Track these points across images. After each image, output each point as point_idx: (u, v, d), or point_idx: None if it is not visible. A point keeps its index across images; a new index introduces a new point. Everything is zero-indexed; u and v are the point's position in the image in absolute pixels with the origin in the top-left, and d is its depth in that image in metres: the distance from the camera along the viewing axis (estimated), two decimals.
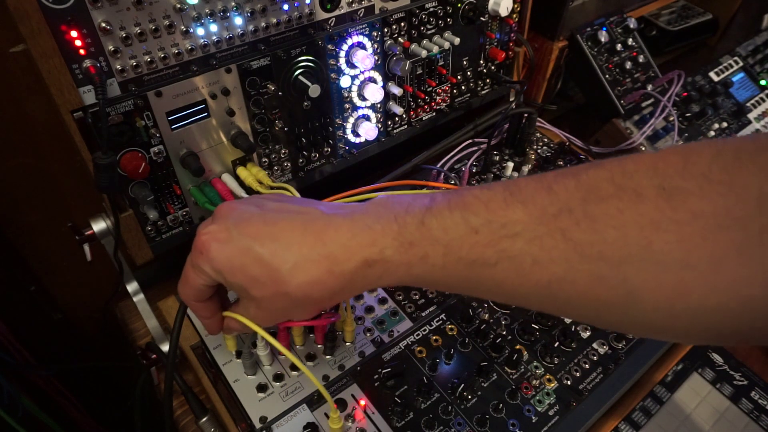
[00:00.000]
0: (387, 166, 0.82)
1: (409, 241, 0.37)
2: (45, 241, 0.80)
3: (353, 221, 0.38)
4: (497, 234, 0.34)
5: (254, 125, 0.63)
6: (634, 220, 0.29)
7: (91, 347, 0.98)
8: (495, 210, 0.34)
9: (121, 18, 0.49)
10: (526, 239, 0.33)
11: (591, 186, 0.32)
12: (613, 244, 0.30)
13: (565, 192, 0.32)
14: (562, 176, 0.34)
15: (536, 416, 0.57)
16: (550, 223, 0.32)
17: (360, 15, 0.66)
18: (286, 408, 0.55)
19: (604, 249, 0.30)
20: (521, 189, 0.34)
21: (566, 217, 0.32)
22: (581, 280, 0.32)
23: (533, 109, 0.86)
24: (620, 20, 0.97)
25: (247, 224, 0.40)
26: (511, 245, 0.33)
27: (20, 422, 0.78)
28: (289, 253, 0.38)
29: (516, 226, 0.33)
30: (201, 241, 0.40)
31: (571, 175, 0.33)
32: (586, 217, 0.31)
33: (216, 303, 0.46)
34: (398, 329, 0.63)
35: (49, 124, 0.70)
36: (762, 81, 1.16)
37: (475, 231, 0.35)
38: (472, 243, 0.35)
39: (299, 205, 0.42)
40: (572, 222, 0.31)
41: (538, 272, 0.33)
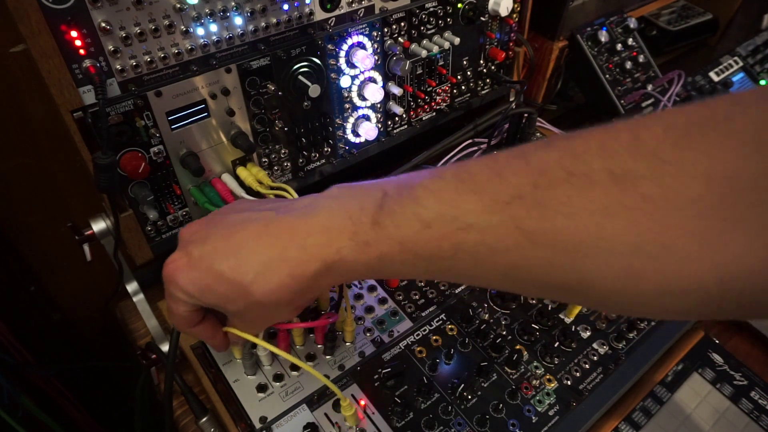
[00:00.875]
0: (387, 166, 0.82)
1: (364, 240, 0.36)
2: (45, 241, 0.80)
3: (307, 221, 0.38)
4: (450, 227, 0.33)
5: (254, 125, 0.63)
6: (584, 207, 0.29)
7: (91, 347, 0.98)
8: (446, 201, 0.34)
9: (121, 18, 0.49)
10: (480, 229, 0.32)
11: (541, 170, 0.31)
12: (564, 231, 0.30)
13: (515, 177, 0.32)
14: (514, 158, 0.33)
15: (536, 416, 0.57)
16: (502, 212, 0.32)
17: (360, 15, 0.66)
18: (286, 408, 0.55)
19: (555, 237, 0.30)
20: (472, 176, 0.34)
21: (518, 204, 0.31)
22: (536, 268, 0.32)
23: (533, 109, 0.86)
24: (620, 20, 0.97)
25: (204, 244, 0.40)
26: (465, 237, 0.33)
27: (20, 422, 0.78)
28: (248, 265, 0.38)
29: (468, 217, 0.33)
30: (167, 271, 0.40)
31: (521, 156, 0.32)
32: (537, 204, 0.30)
33: (212, 322, 0.45)
34: (398, 329, 0.63)
35: (49, 124, 0.70)
36: (762, 81, 1.16)
37: (427, 225, 0.34)
38: (427, 238, 0.34)
39: (257, 211, 0.41)
40: (524, 210, 0.31)
41: (495, 261, 0.33)
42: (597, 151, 0.29)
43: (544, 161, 0.31)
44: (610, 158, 0.28)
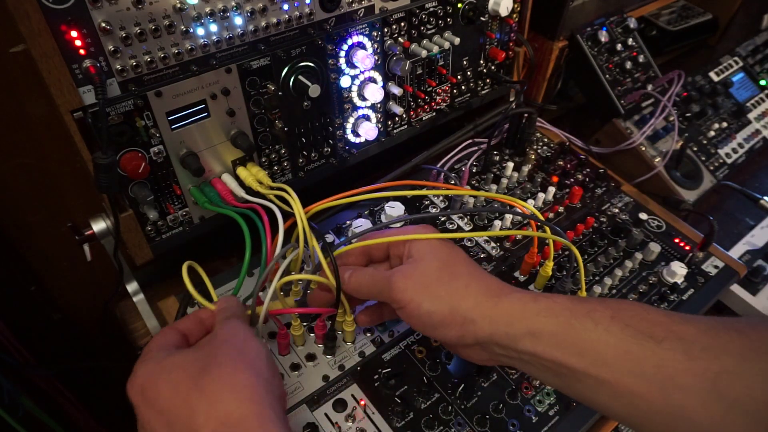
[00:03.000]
0: (387, 166, 0.82)
1: (582, 299, 0.43)
2: (45, 241, 0.80)
3: None
4: (670, 318, 0.38)
5: (254, 125, 0.63)
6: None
7: (91, 347, 0.98)
8: (672, 312, 0.41)
9: (120, 18, 0.49)
10: (700, 329, 0.36)
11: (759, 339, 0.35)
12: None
13: (747, 317, 0.37)
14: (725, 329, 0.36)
15: (536, 416, 0.57)
16: (726, 324, 0.36)
17: (360, 15, 0.66)
18: (286, 408, 0.55)
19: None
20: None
21: (743, 324, 0.36)
22: (751, 377, 0.33)
23: (533, 109, 0.86)
24: (620, 20, 0.97)
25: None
26: (683, 329, 0.37)
27: (20, 422, 0.78)
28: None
29: (690, 319, 0.37)
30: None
31: (734, 330, 0.36)
32: (764, 326, 0.35)
33: None
34: (398, 329, 0.63)
35: (49, 124, 0.70)
36: (762, 81, 1.16)
37: (647, 311, 0.39)
38: (643, 318, 0.38)
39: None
40: (748, 326, 0.35)
41: (707, 359, 0.35)
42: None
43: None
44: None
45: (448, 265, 0.48)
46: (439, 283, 0.47)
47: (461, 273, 0.47)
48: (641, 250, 0.75)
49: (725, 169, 1.00)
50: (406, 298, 0.47)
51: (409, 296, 0.47)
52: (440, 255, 0.49)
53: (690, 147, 0.98)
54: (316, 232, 0.58)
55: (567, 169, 0.85)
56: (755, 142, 1.07)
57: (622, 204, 0.83)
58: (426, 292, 0.47)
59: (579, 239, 0.76)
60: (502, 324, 0.44)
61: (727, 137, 1.04)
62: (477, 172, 0.84)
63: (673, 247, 0.77)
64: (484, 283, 0.47)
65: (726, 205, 1.00)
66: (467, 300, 0.45)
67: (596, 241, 0.75)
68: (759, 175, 1.06)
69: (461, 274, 0.47)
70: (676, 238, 0.78)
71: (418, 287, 0.47)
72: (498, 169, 0.85)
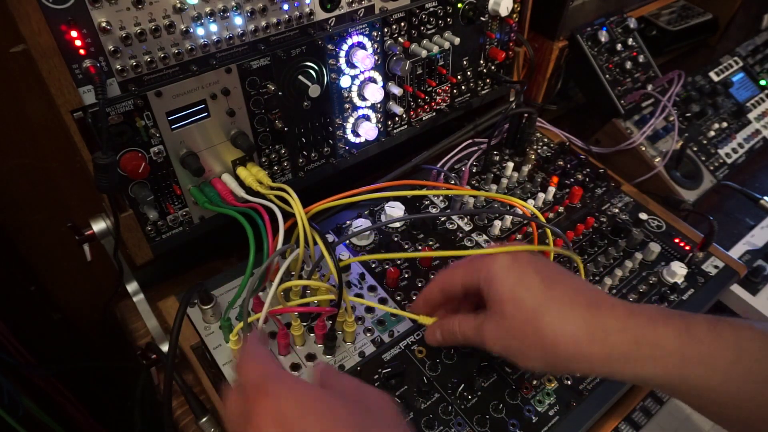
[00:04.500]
0: (387, 166, 0.82)
1: (694, 334, 0.38)
2: (45, 241, 0.80)
3: None
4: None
5: (254, 125, 0.63)
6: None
7: (91, 347, 0.98)
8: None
9: (120, 18, 0.49)
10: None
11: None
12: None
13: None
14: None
15: (536, 416, 0.57)
16: None
17: (360, 15, 0.66)
18: None
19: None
20: None
21: None
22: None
23: (533, 109, 0.86)
24: (620, 20, 0.97)
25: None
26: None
27: (20, 422, 0.78)
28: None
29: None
30: None
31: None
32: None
33: None
34: (398, 329, 0.63)
35: (49, 124, 0.70)
36: (762, 81, 1.16)
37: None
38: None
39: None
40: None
41: None
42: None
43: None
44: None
45: (530, 315, 0.44)
46: (527, 343, 0.44)
47: (546, 322, 0.43)
48: (641, 250, 0.75)
49: (725, 169, 1.00)
50: (501, 351, 0.47)
51: (505, 355, 0.47)
52: (518, 299, 0.45)
53: (690, 147, 0.98)
54: (316, 231, 0.58)
55: (567, 169, 0.85)
56: (755, 142, 1.07)
57: (622, 204, 0.83)
58: (519, 354, 0.45)
59: (579, 239, 0.76)
60: (604, 369, 0.42)
61: (727, 137, 1.04)
62: (477, 172, 0.84)
63: (673, 247, 0.77)
64: (574, 329, 0.42)
65: (726, 205, 1.00)
66: (560, 354, 0.43)
67: (596, 241, 0.75)
68: (759, 175, 1.06)
69: (546, 324, 0.43)
70: (676, 238, 0.78)
71: (509, 349, 0.46)
72: (498, 169, 0.85)
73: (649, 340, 0.39)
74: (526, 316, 0.44)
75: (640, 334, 0.40)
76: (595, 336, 0.41)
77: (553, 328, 0.43)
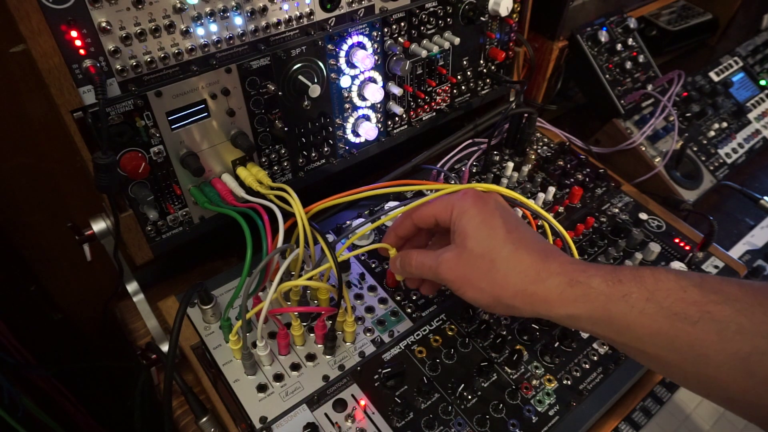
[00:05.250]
0: (387, 166, 0.82)
1: (618, 278, 0.42)
2: (45, 241, 0.80)
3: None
4: (706, 297, 0.38)
5: (254, 125, 0.63)
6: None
7: (91, 347, 0.98)
8: (709, 281, 0.39)
9: (120, 18, 0.49)
10: (735, 309, 0.36)
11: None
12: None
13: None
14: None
15: (536, 416, 0.57)
16: (763, 302, 0.36)
17: (360, 15, 0.66)
18: (286, 408, 0.55)
19: None
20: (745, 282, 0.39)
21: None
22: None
23: (533, 109, 0.86)
24: (620, 20, 0.97)
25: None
26: (718, 310, 0.37)
27: (20, 422, 0.78)
28: None
29: (728, 297, 0.37)
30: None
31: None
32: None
33: None
34: (398, 329, 0.63)
35: (49, 124, 0.70)
36: (762, 81, 1.16)
37: (683, 289, 0.39)
38: (678, 298, 0.39)
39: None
40: None
41: (740, 341, 0.36)
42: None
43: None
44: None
45: (488, 251, 0.49)
46: (479, 274, 0.49)
47: (501, 258, 0.49)
48: (641, 250, 0.75)
49: (725, 169, 1.00)
50: (453, 286, 0.52)
51: (455, 285, 0.51)
52: (481, 236, 0.50)
53: (690, 147, 0.98)
54: (317, 231, 0.58)
55: (567, 169, 0.85)
56: (755, 142, 1.07)
57: (622, 204, 0.83)
58: (468, 283, 0.50)
59: (579, 239, 0.76)
60: (542, 309, 0.47)
61: (727, 137, 1.04)
62: (477, 172, 0.84)
63: (673, 247, 0.77)
64: (523, 267, 0.48)
65: (726, 205, 1.00)
66: (507, 290, 0.48)
67: (596, 241, 0.75)
68: (759, 175, 1.06)
69: (500, 260, 0.48)
70: (676, 238, 0.78)
71: (461, 279, 0.51)
72: (498, 169, 0.85)
73: (582, 281, 0.44)
74: (484, 251, 0.49)
75: (574, 277, 0.45)
76: (539, 276, 0.46)
77: (506, 265, 0.48)
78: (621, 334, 0.43)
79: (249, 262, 0.54)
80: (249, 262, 0.54)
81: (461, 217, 0.52)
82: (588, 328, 0.45)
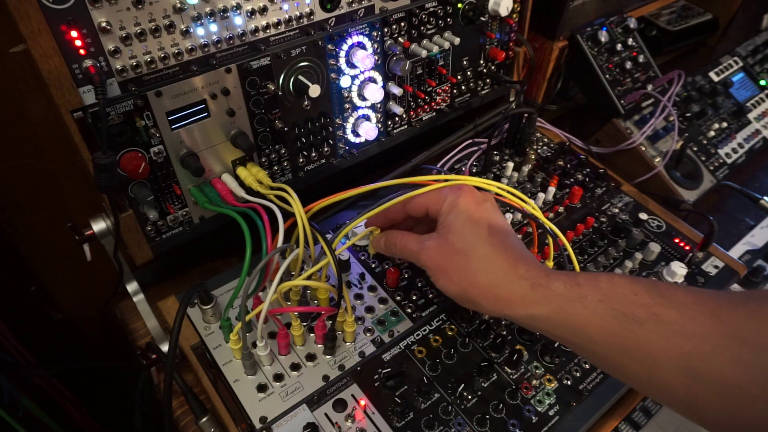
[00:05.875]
0: (387, 166, 0.82)
1: (577, 282, 0.45)
2: (45, 241, 0.80)
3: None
4: (653, 301, 0.41)
5: (254, 125, 0.63)
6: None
7: (91, 347, 0.98)
8: (659, 287, 0.42)
9: (120, 18, 0.49)
10: (679, 312, 0.39)
11: (754, 293, 0.38)
12: (762, 332, 0.35)
13: (731, 295, 0.39)
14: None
15: (536, 416, 0.57)
16: (707, 306, 0.38)
17: (360, 15, 0.66)
18: (286, 408, 0.55)
19: (751, 335, 0.35)
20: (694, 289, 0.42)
21: (724, 304, 0.38)
22: (721, 359, 0.36)
23: (533, 109, 0.86)
24: (620, 20, 0.97)
25: None
26: (663, 312, 0.40)
27: (20, 422, 0.78)
28: None
29: (673, 301, 0.40)
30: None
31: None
32: (743, 308, 0.37)
33: None
34: (398, 329, 0.63)
35: (49, 124, 0.70)
36: (762, 81, 1.16)
37: (634, 293, 0.42)
38: (629, 301, 0.42)
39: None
40: (728, 308, 0.37)
41: (682, 342, 0.38)
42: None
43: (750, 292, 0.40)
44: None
45: (467, 248, 0.52)
46: (454, 267, 0.53)
47: (476, 257, 0.52)
48: (641, 250, 0.75)
49: (725, 169, 1.00)
50: (429, 272, 0.56)
51: (431, 272, 0.55)
52: (463, 233, 0.53)
53: (690, 147, 0.98)
54: (317, 231, 0.58)
55: (567, 169, 0.85)
56: (755, 142, 1.07)
57: (622, 204, 0.83)
58: (443, 273, 0.53)
59: (579, 239, 0.76)
60: (504, 309, 0.50)
61: (727, 137, 1.04)
62: (477, 172, 0.84)
63: (673, 247, 0.77)
64: (494, 269, 0.51)
65: (726, 205, 1.00)
66: (474, 287, 0.51)
67: (596, 241, 0.75)
68: (759, 175, 1.06)
69: (475, 259, 0.52)
70: (676, 238, 0.78)
71: (438, 267, 0.54)
72: (498, 169, 0.85)
73: (543, 285, 0.47)
74: (463, 247, 0.52)
75: (537, 281, 0.48)
76: (506, 279, 0.49)
77: (479, 264, 0.51)
78: (576, 334, 0.45)
79: (248, 262, 0.54)
80: (248, 262, 0.54)
81: (450, 211, 0.55)
82: (547, 329, 0.48)
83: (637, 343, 0.40)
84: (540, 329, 0.50)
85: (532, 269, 0.49)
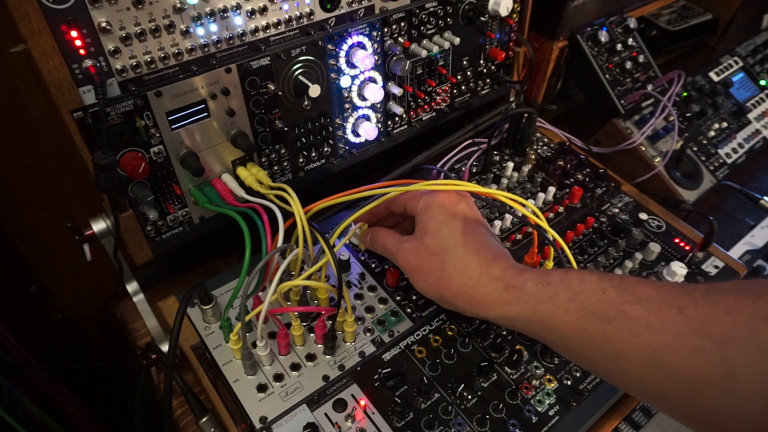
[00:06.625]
0: (387, 166, 0.82)
1: (548, 281, 0.46)
2: (45, 241, 0.80)
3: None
4: (621, 297, 0.42)
5: (254, 125, 0.63)
6: (747, 312, 0.35)
7: (91, 347, 0.98)
8: (628, 283, 0.43)
9: (120, 18, 0.49)
10: (646, 307, 0.40)
11: (716, 286, 0.39)
12: (723, 324, 0.36)
13: (694, 289, 0.40)
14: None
15: (536, 416, 0.57)
16: (671, 301, 0.39)
17: (360, 15, 0.66)
18: (286, 408, 0.55)
19: (713, 328, 0.36)
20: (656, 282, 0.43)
21: (687, 298, 0.38)
22: (685, 351, 0.37)
23: (533, 109, 0.86)
24: (620, 20, 0.97)
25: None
26: (631, 309, 0.40)
27: (20, 422, 0.78)
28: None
29: (641, 297, 0.41)
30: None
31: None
32: (705, 301, 0.38)
33: None
34: (398, 329, 0.63)
35: (49, 124, 0.70)
36: (762, 81, 1.16)
37: (603, 290, 0.43)
38: (598, 298, 0.43)
39: None
40: (691, 302, 0.38)
41: (648, 336, 0.39)
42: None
43: (720, 284, 0.40)
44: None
45: (441, 250, 0.53)
46: (429, 269, 0.54)
47: (450, 259, 0.53)
48: (641, 250, 0.75)
49: (725, 169, 1.00)
50: (407, 273, 0.58)
51: (408, 274, 0.57)
52: (438, 235, 0.54)
53: (690, 147, 0.98)
54: (317, 231, 0.58)
55: (567, 169, 0.85)
56: (755, 142, 1.07)
57: (622, 204, 0.83)
58: (419, 275, 0.55)
59: (579, 239, 0.76)
60: (480, 310, 0.51)
61: (727, 137, 1.04)
62: (477, 172, 0.84)
63: (673, 247, 0.77)
64: (468, 270, 0.52)
65: (726, 205, 1.00)
66: (450, 289, 0.52)
67: (596, 241, 0.75)
68: (759, 175, 1.06)
69: (450, 261, 0.53)
70: (676, 238, 0.78)
71: (414, 269, 0.56)
72: (498, 169, 0.85)
73: (516, 285, 0.48)
74: (438, 249, 0.53)
75: (511, 282, 0.49)
76: (480, 280, 0.51)
77: (454, 266, 0.52)
78: (549, 332, 0.46)
79: (248, 262, 0.54)
80: (248, 262, 0.54)
81: (424, 212, 0.56)
82: (522, 327, 0.49)
83: (607, 340, 0.41)
84: (515, 327, 0.51)
85: (507, 269, 0.50)
